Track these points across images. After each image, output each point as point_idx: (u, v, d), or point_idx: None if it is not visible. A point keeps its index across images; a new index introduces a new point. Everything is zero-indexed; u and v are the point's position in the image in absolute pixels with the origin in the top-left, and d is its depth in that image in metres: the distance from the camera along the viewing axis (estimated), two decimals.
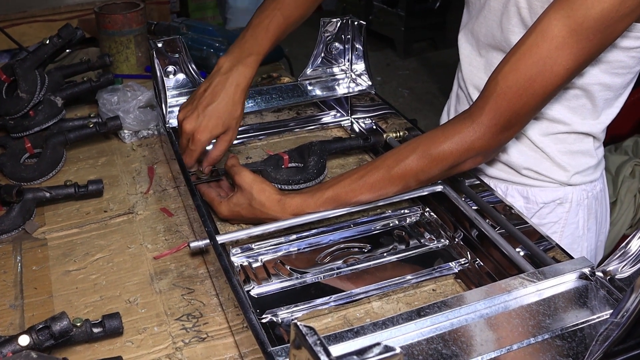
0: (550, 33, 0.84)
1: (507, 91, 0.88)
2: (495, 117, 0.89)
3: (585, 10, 0.81)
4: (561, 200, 1.07)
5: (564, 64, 0.85)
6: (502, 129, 0.90)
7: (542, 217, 1.08)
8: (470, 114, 0.91)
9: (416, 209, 1.07)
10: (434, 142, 0.93)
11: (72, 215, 1.10)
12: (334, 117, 1.39)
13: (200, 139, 1.05)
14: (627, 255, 0.75)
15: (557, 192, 1.07)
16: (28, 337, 0.75)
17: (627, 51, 0.93)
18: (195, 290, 0.92)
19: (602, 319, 0.71)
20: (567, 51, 0.84)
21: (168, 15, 2.09)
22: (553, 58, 0.85)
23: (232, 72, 1.07)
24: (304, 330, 0.49)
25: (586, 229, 1.10)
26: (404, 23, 4.67)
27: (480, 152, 0.92)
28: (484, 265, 0.94)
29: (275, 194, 0.99)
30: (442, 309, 0.71)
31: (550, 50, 0.84)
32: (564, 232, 1.09)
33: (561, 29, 0.83)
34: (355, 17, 1.29)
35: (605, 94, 0.99)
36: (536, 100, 0.88)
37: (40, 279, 0.95)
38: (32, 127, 1.27)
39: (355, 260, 0.96)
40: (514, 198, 1.09)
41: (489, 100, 0.89)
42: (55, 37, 1.34)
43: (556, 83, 0.87)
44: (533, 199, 1.08)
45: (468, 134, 0.91)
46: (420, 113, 3.84)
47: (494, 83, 0.89)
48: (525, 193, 1.08)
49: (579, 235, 1.10)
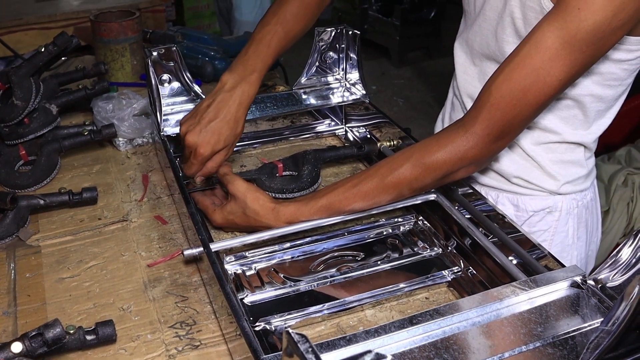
0: (543, 44, 0.85)
1: (501, 101, 0.88)
2: (488, 127, 0.90)
3: (579, 23, 0.82)
4: (551, 209, 1.08)
5: (557, 75, 0.86)
6: (495, 138, 0.91)
7: (532, 225, 1.09)
8: (464, 123, 0.92)
9: (409, 217, 1.08)
10: (427, 151, 0.94)
11: (66, 222, 1.10)
12: (329, 125, 1.40)
13: (202, 153, 1.05)
14: (618, 264, 0.75)
15: (546, 201, 1.08)
16: (21, 345, 0.75)
17: (619, 63, 0.94)
18: (189, 298, 0.92)
19: (593, 327, 0.72)
20: (560, 62, 0.85)
21: (164, 23, 2.10)
22: (546, 69, 0.85)
23: (235, 90, 1.08)
24: (296, 338, 0.49)
25: (576, 237, 1.11)
26: (399, 32, 4.69)
27: (473, 161, 0.93)
28: (476, 273, 0.94)
29: (269, 202, 0.99)
30: (434, 317, 0.71)
31: (544, 62, 0.85)
32: (554, 240, 1.09)
33: (554, 41, 0.84)
34: (349, 27, 1.30)
35: (597, 105, 1.00)
36: (529, 111, 0.89)
37: (33, 286, 0.95)
38: (26, 135, 1.27)
39: (348, 269, 0.96)
40: (505, 206, 1.10)
41: (482, 110, 0.90)
42: (50, 45, 1.34)
43: (549, 94, 0.88)
44: (523, 207, 1.09)
45: (461, 143, 0.91)
46: (415, 122, 3.85)
47: (488, 93, 0.90)
48: (516, 201, 1.09)
49: (569, 243, 1.10)
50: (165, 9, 2.18)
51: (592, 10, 0.81)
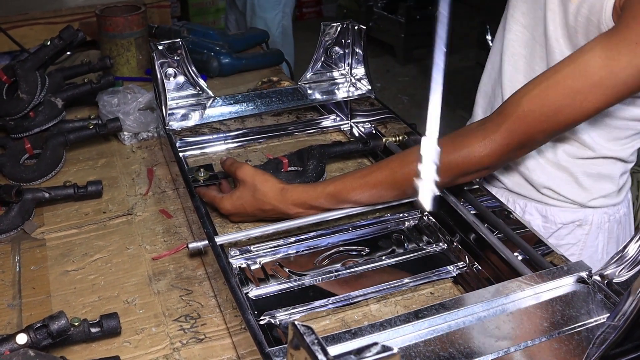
0: (590, 70, 0.82)
1: (529, 115, 0.86)
2: (509, 137, 0.88)
3: (632, 59, 0.80)
4: (581, 222, 1.05)
5: (594, 102, 0.83)
6: (514, 149, 0.89)
7: (560, 237, 1.06)
8: (485, 128, 0.90)
9: (415, 212, 1.07)
10: (442, 150, 0.92)
11: (71, 215, 1.10)
12: (334, 121, 1.40)
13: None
14: (624, 259, 0.75)
15: (576, 214, 1.05)
16: (26, 336, 0.75)
17: None
18: (194, 292, 0.92)
19: (600, 322, 0.72)
20: (602, 91, 0.82)
21: (169, 18, 2.09)
22: (585, 94, 0.83)
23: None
24: (302, 330, 0.49)
25: (605, 253, 1.07)
26: (404, 30, 4.68)
27: (487, 167, 0.92)
28: (482, 269, 0.94)
29: (278, 183, 1.00)
30: (440, 311, 0.71)
31: (585, 87, 0.83)
32: (582, 255, 1.06)
33: (602, 69, 0.82)
34: (355, 22, 1.29)
35: (635, 124, 0.98)
36: (555, 129, 0.88)
37: (38, 279, 0.95)
38: (32, 128, 1.27)
39: (353, 263, 0.96)
40: (532, 216, 1.08)
41: (507, 119, 0.88)
42: (56, 39, 1.34)
43: (582, 118, 0.86)
44: (552, 219, 1.06)
45: (478, 149, 0.89)
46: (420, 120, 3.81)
47: (517, 104, 0.87)
48: (544, 212, 1.07)
49: (598, 259, 1.07)
50: (170, 5, 2.18)
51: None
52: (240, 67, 1.69)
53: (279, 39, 3.17)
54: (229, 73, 1.67)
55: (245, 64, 1.70)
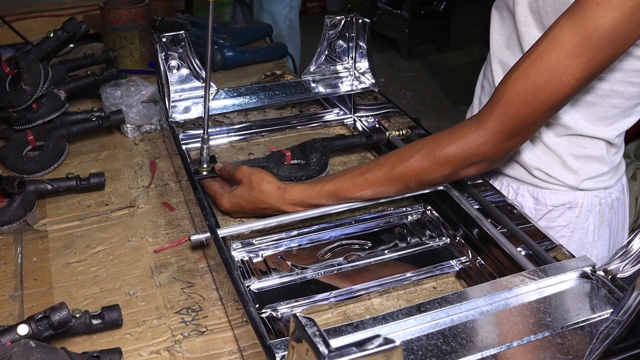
0: (561, 41, 0.83)
1: (515, 98, 0.87)
2: (501, 124, 0.88)
3: (597, 19, 0.80)
4: (571, 205, 1.05)
5: (573, 73, 0.84)
6: (507, 136, 0.89)
7: (551, 220, 1.07)
8: (478, 118, 0.91)
9: (418, 206, 1.07)
10: (438, 144, 0.92)
11: (74, 207, 1.10)
12: (337, 114, 1.39)
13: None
14: (628, 255, 0.74)
15: (567, 196, 1.05)
16: (27, 327, 0.75)
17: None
18: (195, 284, 0.92)
19: (603, 318, 0.71)
20: (577, 60, 0.83)
21: (172, 12, 2.09)
22: (563, 67, 0.83)
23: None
24: (304, 322, 0.48)
25: (597, 236, 1.08)
26: (408, 25, 4.67)
27: (484, 158, 0.92)
28: (485, 263, 0.93)
29: (275, 182, 0.99)
30: (442, 305, 0.71)
31: (560, 59, 0.83)
32: (573, 237, 1.07)
33: (572, 37, 0.82)
34: (359, 15, 1.29)
35: (619, 101, 0.97)
36: (543, 110, 0.87)
37: (40, 271, 0.95)
38: (35, 120, 1.27)
39: (356, 257, 0.96)
40: (525, 198, 1.08)
41: (497, 106, 0.88)
42: (59, 31, 1.33)
43: (565, 92, 0.85)
44: (543, 201, 1.06)
45: (473, 138, 0.90)
46: (424, 115, 3.83)
47: (503, 89, 0.88)
48: (536, 194, 1.07)
49: (589, 241, 1.08)
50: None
51: (611, 6, 0.79)
52: (244, 61, 1.69)
53: (286, 33, 3.16)
54: (233, 66, 1.67)
55: (248, 57, 1.70)
